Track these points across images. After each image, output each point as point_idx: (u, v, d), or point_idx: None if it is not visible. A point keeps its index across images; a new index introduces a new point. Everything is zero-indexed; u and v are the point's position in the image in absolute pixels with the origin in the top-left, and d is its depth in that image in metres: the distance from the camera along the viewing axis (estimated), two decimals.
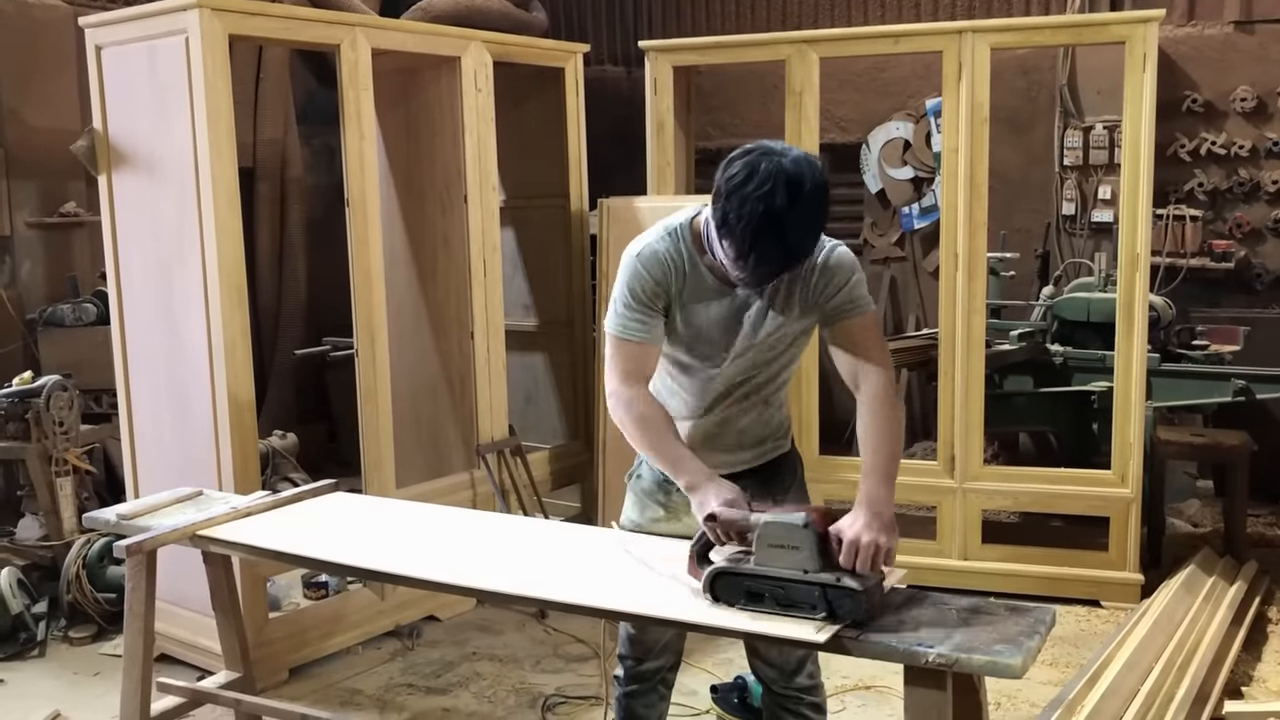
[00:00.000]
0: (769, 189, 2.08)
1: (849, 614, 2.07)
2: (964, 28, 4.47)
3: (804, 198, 2.10)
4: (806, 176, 2.11)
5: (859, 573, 2.09)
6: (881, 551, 2.12)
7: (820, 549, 2.10)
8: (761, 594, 2.12)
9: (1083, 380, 5.14)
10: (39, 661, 4.12)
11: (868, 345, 2.37)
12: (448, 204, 4.57)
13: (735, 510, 2.19)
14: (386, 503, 3.35)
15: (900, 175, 6.85)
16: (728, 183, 2.14)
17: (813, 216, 2.15)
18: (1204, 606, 4.10)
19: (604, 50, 7.63)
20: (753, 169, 2.11)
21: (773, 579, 2.11)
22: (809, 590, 2.09)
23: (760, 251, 2.12)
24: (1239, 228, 6.06)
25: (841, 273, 2.35)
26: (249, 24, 3.79)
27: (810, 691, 2.68)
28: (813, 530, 2.10)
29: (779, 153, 2.15)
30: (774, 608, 2.11)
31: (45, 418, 4.43)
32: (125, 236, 4.02)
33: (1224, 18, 6.05)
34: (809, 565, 2.09)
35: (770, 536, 2.12)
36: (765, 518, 2.14)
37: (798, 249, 2.17)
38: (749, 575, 2.13)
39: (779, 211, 2.08)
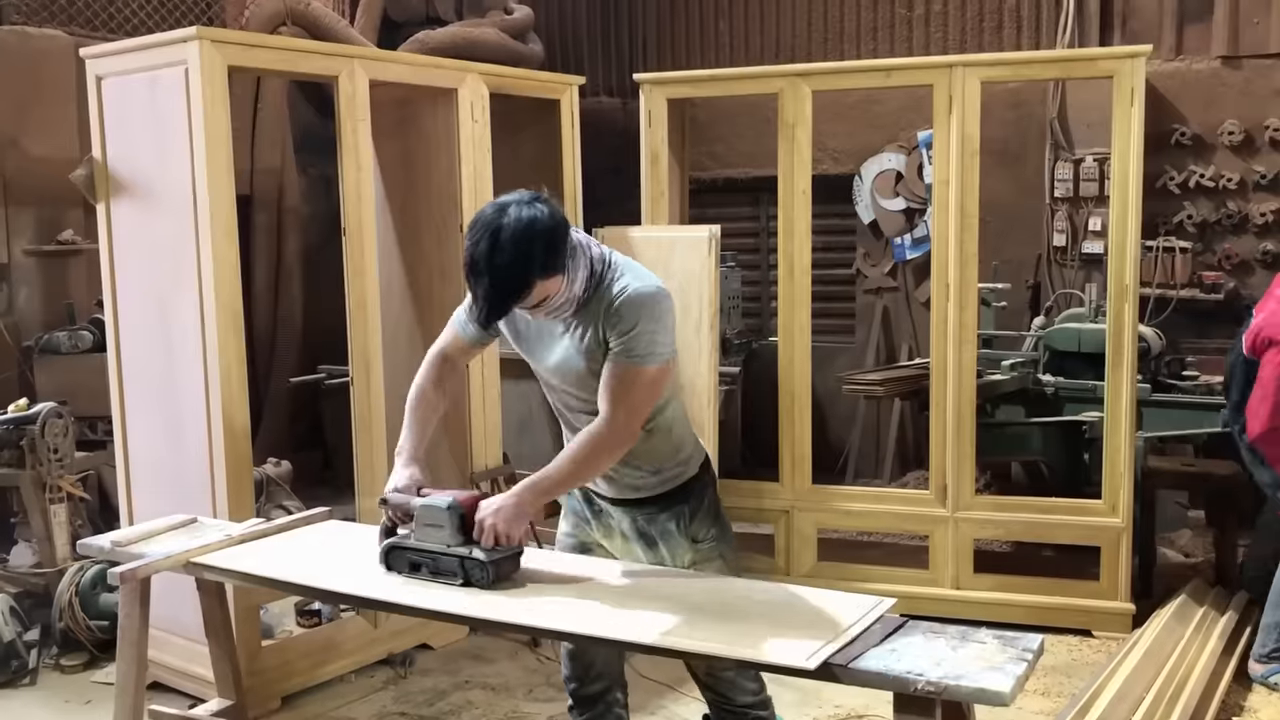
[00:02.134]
0: (477, 237, 2.35)
1: (478, 580, 2.49)
2: (955, 62, 4.54)
3: (500, 246, 2.32)
4: (509, 232, 2.32)
5: (495, 547, 2.47)
6: (498, 531, 2.47)
7: (461, 527, 2.51)
8: (420, 564, 2.57)
9: (1074, 410, 5.17)
10: (30, 689, 4.11)
11: (615, 393, 2.49)
12: (444, 234, 4.60)
13: (401, 495, 2.60)
14: None
15: (892, 206, 6.91)
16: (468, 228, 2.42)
17: (507, 267, 2.33)
18: (1195, 636, 4.11)
19: (599, 82, 7.71)
20: (477, 219, 2.39)
21: (426, 551, 2.55)
22: (450, 560, 2.52)
23: (475, 290, 2.39)
24: (1228, 259, 6.11)
25: (625, 320, 2.46)
26: (248, 55, 3.84)
27: (755, 707, 2.82)
28: (455, 511, 2.51)
29: (505, 206, 2.37)
30: (428, 576, 2.55)
31: (40, 444, 4.44)
32: (123, 264, 4.05)
33: (1211, 53, 6.13)
34: (450, 540, 2.51)
35: (424, 516, 2.55)
36: (420, 501, 2.56)
37: (500, 290, 2.36)
38: (410, 549, 2.58)
39: (479, 257, 2.34)
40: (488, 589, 2.47)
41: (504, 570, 2.52)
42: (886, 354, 7.04)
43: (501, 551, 2.50)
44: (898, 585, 4.54)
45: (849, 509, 4.88)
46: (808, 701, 3.85)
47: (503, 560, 2.51)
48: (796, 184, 4.71)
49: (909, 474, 6.57)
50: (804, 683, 3.77)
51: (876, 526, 5.19)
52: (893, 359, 6.93)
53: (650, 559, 2.73)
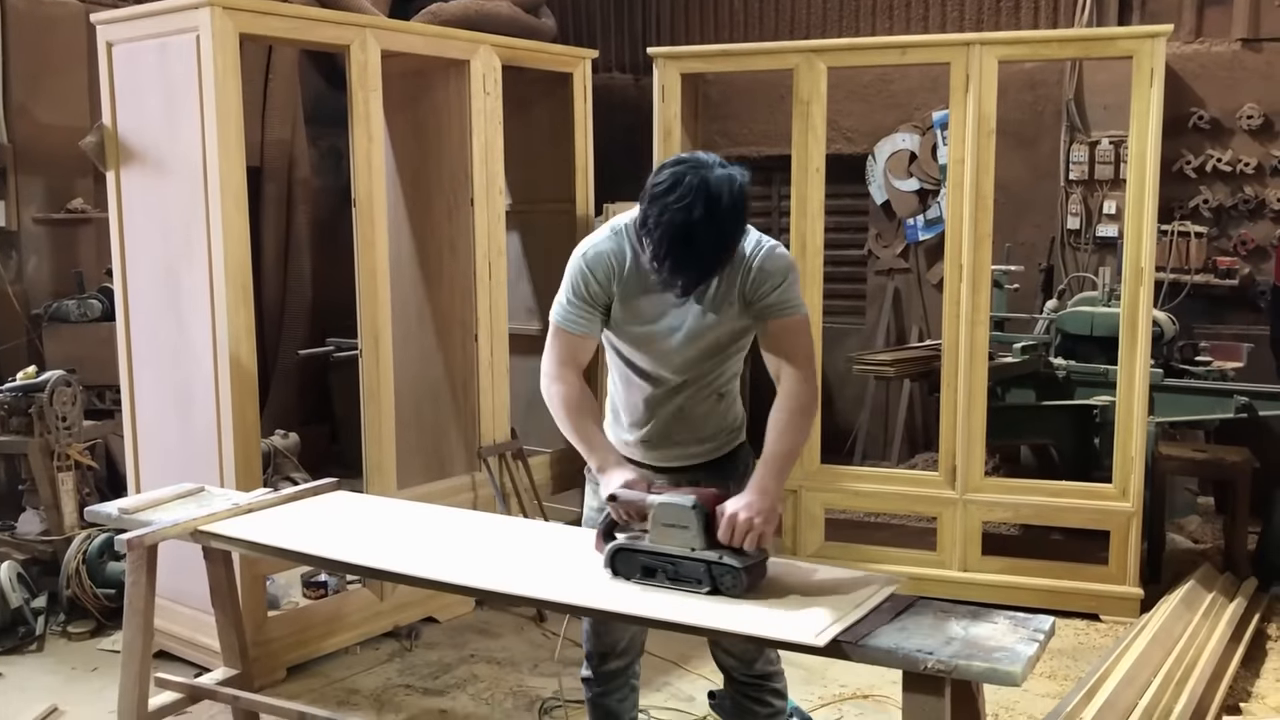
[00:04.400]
0: (688, 202, 2.19)
1: (729, 589, 2.24)
2: (972, 40, 4.48)
3: (719, 214, 2.20)
4: (725, 193, 2.21)
5: (742, 550, 2.25)
6: (755, 530, 2.25)
7: (706, 528, 2.27)
8: (655, 569, 2.31)
9: (1085, 394, 5.14)
10: (37, 656, 4.12)
11: (792, 347, 2.45)
12: (454, 207, 4.58)
13: (634, 492, 2.36)
14: (387, 502, 3.35)
15: (905, 187, 6.87)
16: (652, 189, 2.26)
17: (726, 231, 2.25)
18: (1203, 622, 4.10)
19: (612, 57, 7.66)
20: (677, 180, 2.23)
21: (664, 555, 2.30)
22: (695, 566, 2.27)
23: (674, 259, 2.24)
24: (1243, 245, 6.06)
25: (775, 274, 2.42)
26: (260, 23, 3.81)
27: (771, 678, 2.76)
28: (700, 511, 2.27)
29: (705, 166, 2.25)
30: (665, 582, 2.30)
31: (48, 413, 4.44)
32: (132, 233, 4.03)
33: (1231, 35, 6.06)
34: (695, 543, 2.27)
35: (663, 516, 2.30)
36: (659, 499, 2.32)
37: (710, 260, 2.27)
38: (644, 551, 2.32)
39: (694, 224, 2.19)
40: (738, 599, 2.23)
41: (756, 576, 2.28)
42: (897, 336, 7.01)
43: (754, 556, 2.27)
44: (905, 567, 4.53)
45: (857, 489, 4.87)
46: (813, 680, 3.85)
47: (755, 565, 2.27)
48: (810, 162, 4.68)
49: (917, 456, 6.56)
50: (810, 661, 3.77)
51: (885, 508, 5.18)
52: (903, 341, 6.90)
53: None
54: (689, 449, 2.62)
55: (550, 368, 2.54)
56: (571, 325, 2.51)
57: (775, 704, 2.78)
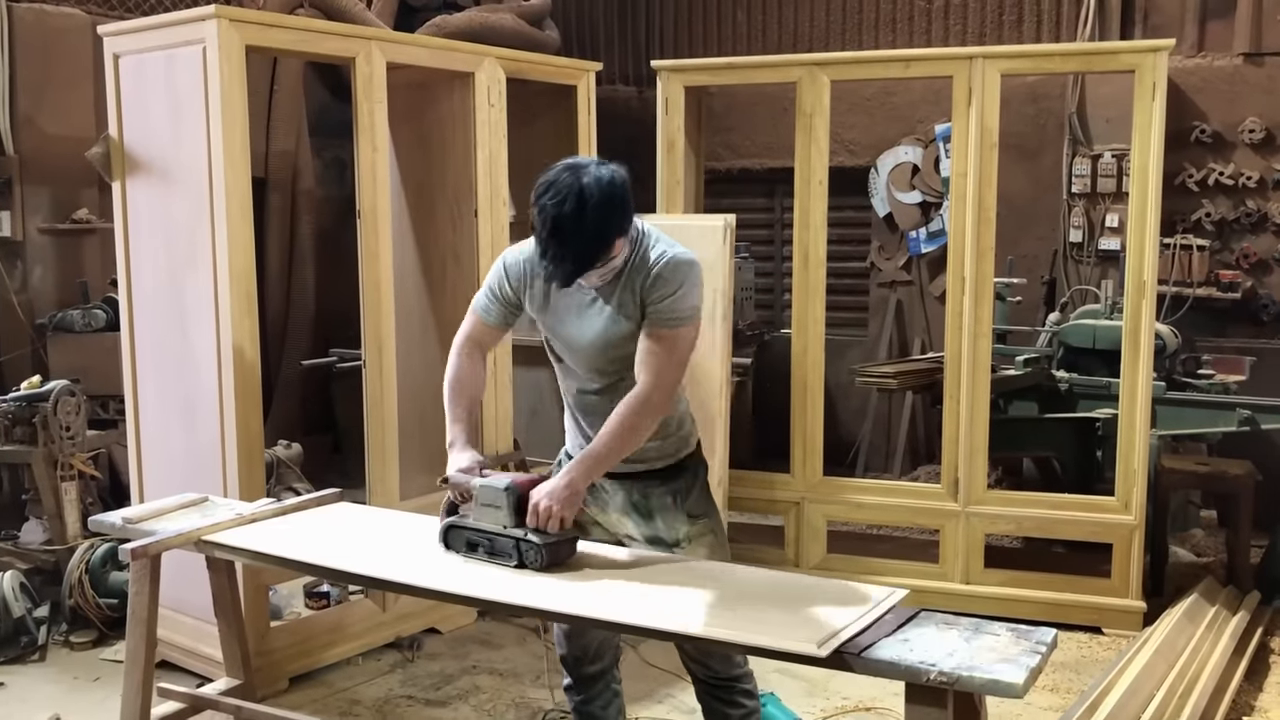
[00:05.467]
0: (560, 199, 2.36)
1: (533, 563, 2.47)
2: (975, 53, 4.50)
3: (588, 209, 2.35)
4: (594, 192, 2.37)
5: (547, 531, 2.46)
6: (554, 516, 2.46)
7: (518, 509, 2.49)
8: (477, 544, 2.56)
9: (1087, 407, 5.14)
10: (39, 666, 4.12)
11: (656, 355, 2.55)
12: (458, 218, 4.59)
13: (463, 475, 2.60)
14: (390, 513, 3.35)
15: (908, 199, 6.88)
16: (535, 190, 2.43)
17: (595, 225, 2.39)
18: (1206, 635, 4.09)
19: (615, 69, 7.69)
20: (554, 180, 2.40)
21: (483, 531, 2.54)
22: (506, 542, 2.51)
23: (550, 252, 2.40)
24: (1246, 258, 6.07)
25: (669, 283, 2.54)
26: (266, 35, 3.82)
27: (741, 680, 2.81)
28: (511, 492, 2.50)
29: (581, 167, 2.41)
30: (484, 556, 2.54)
31: (52, 422, 4.45)
32: (137, 243, 4.05)
33: (1233, 49, 6.08)
34: (506, 521, 2.50)
35: (483, 497, 2.54)
36: (480, 481, 2.56)
37: (584, 253, 2.41)
38: (468, 528, 2.57)
39: (564, 218, 2.36)
40: (540, 572, 2.45)
41: (559, 554, 2.49)
42: (899, 348, 7.01)
43: (556, 535, 2.48)
44: (908, 579, 4.53)
45: (860, 501, 4.87)
46: (815, 693, 3.85)
47: (558, 544, 2.49)
48: (813, 174, 4.69)
49: (919, 468, 6.56)
50: (812, 673, 3.78)
51: (887, 520, 5.18)
52: (905, 353, 6.90)
53: (645, 532, 2.76)
54: (637, 455, 2.66)
55: (457, 341, 2.79)
56: (481, 312, 2.77)
57: (747, 704, 2.83)
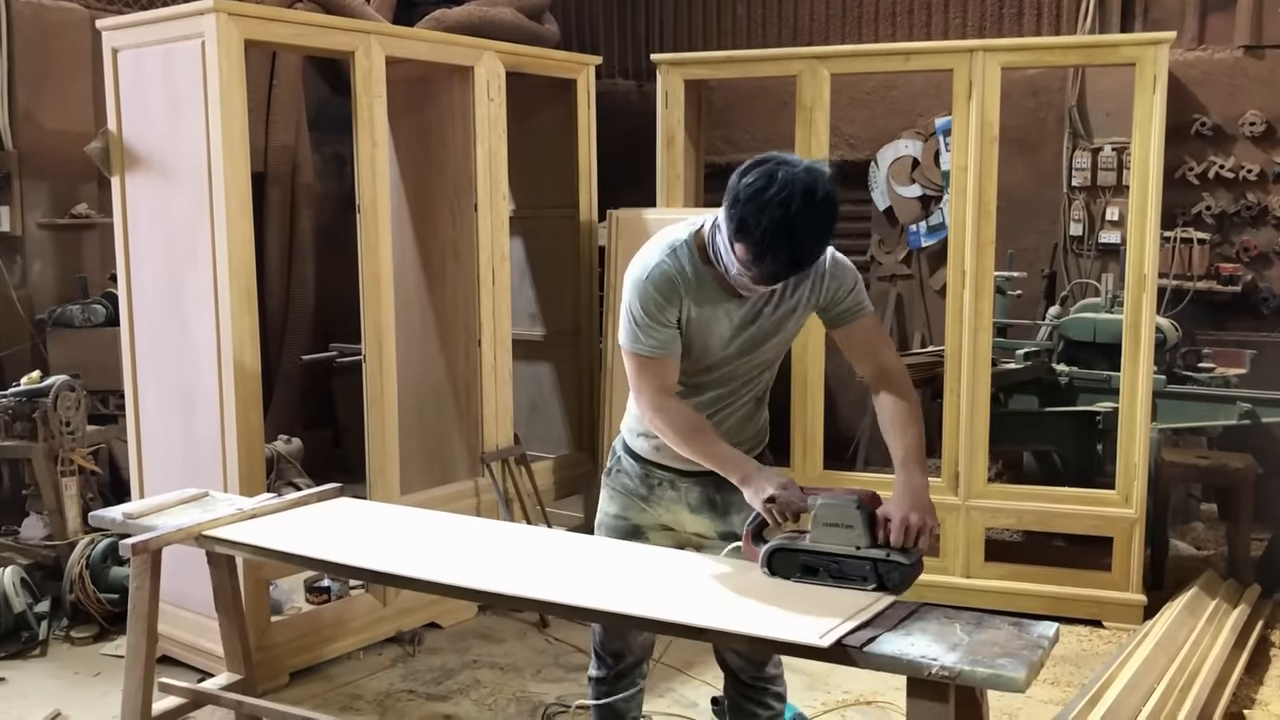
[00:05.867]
0: (786, 195, 2.21)
1: (897, 585, 2.28)
2: (975, 46, 4.49)
3: (817, 204, 2.23)
4: (820, 185, 2.25)
5: (905, 548, 2.29)
6: (927, 529, 2.31)
7: (871, 526, 2.30)
8: (816, 568, 2.34)
9: (1088, 400, 5.14)
10: (40, 661, 4.12)
11: (881, 344, 2.57)
12: (457, 212, 4.59)
13: (792, 492, 2.36)
14: (391, 508, 3.35)
15: (908, 193, 6.87)
16: (745, 189, 2.26)
17: (824, 222, 2.28)
18: (1207, 629, 4.09)
19: (615, 63, 7.67)
20: (770, 176, 2.24)
21: (827, 554, 2.32)
22: (860, 564, 2.30)
23: (775, 253, 2.25)
24: (1246, 251, 6.06)
25: (848, 277, 2.52)
26: (265, 29, 3.82)
27: (775, 681, 2.79)
28: (865, 510, 2.30)
29: (793, 162, 2.28)
30: (827, 580, 2.33)
31: (52, 417, 4.44)
32: (137, 238, 4.04)
33: (1234, 42, 6.07)
34: (861, 542, 2.30)
35: (825, 516, 2.32)
36: (820, 499, 2.34)
37: (810, 252, 2.31)
38: (805, 551, 2.35)
39: (795, 216, 2.21)
40: (897, 593, 2.29)
41: (917, 572, 2.32)
42: (899, 342, 7.00)
43: (918, 552, 2.32)
44: None
45: None
46: (816, 686, 3.85)
47: (918, 563, 2.32)
48: None
49: None
50: (814, 667, 3.78)
51: None
52: (905, 347, 6.89)
53: (720, 529, 2.66)
54: None
55: (650, 399, 2.48)
56: (654, 350, 2.46)
57: (776, 706, 2.80)
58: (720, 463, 2.47)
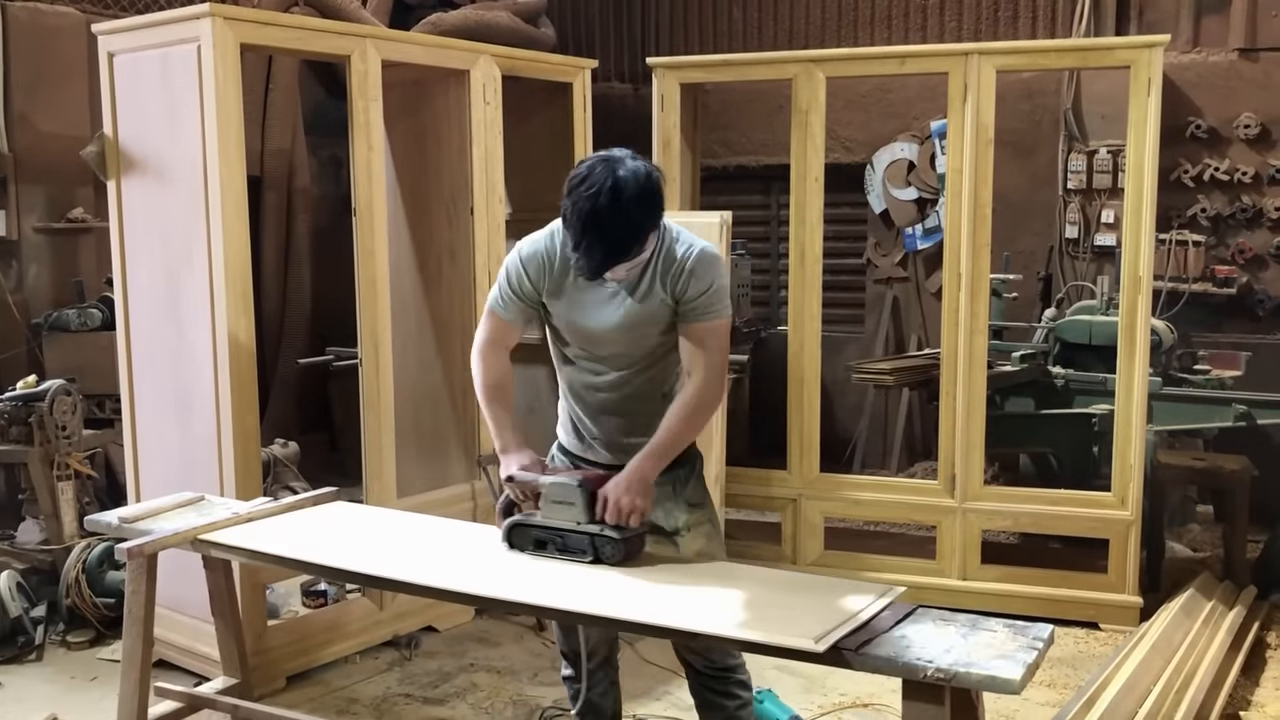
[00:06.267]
0: (595, 190, 2.35)
1: (609, 558, 2.48)
2: (970, 50, 4.50)
3: (623, 202, 2.34)
4: (630, 183, 2.36)
5: (620, 525, 2.48)
6: (635, 510, 2.49)
7: (590, 505, 2.51)
8: (545, 541, 2.57)
9: (1084, 402, 5.15)
10: (36, 665, 4.12)
11: (707, 349, 2.60)
12: (454, 215, 4.59)
13: (529, 473, 2.60)
14: (387, 512, 3.35)
15: (904, 196, 6.88)
16: (569, 181, 2.42)
17: (632, 218, 2.38)
18: (1203, 630, 4.10)
19: (611, 66, 7.68)
20: (590, 171, 2.39)
21: (553, 529, 2.55)
22: (580, 538, 2.52)
23: (588, 243, 2.38)
24: (1241, 253, 6.08)
25: (702, 278, 2.56)
26: (261, 33, 3.82)
27: (736, 670, 2.82)
28: (585, 489, 2.51)
29: (617, 160, 2.40)
30: (554, 553, 2.55)
31: (48, 422, 4.44)
32: (133, 242, 4.04)
33: (1228, 45, 6.09)
34: (580, 518, 2.51)
35: (553, 494, 2.54)
36: (549, 479, 2.56)
37: (617, 244, 2.40)
38: (536, 526, 2.58)
39: (600, 210, 2.34)
40: (616, 565, 2.48)
41: (635, 548, 2.52)
42: (895, 344, 7.02)
43: (632, 530, 2.51)
44: (904, 575, 4.53)
45: (857, 498, 4.87)
46: (812, 689, 3.85)
47: (633, 538, 2.51)
48: (809, 171, 4.69)
49: (916, 465, 6.56)
50: (810, 670, 3.78)
51: (884, 516, 5.18)
52: (901, 349, 6.91)
53: None
54: (639, 440, 2.67)
55: (479, 345, 2.77)
56: (501, 311, 2.72)
57: (742, 695, 2.84)
58: (495, 427, 2.73)
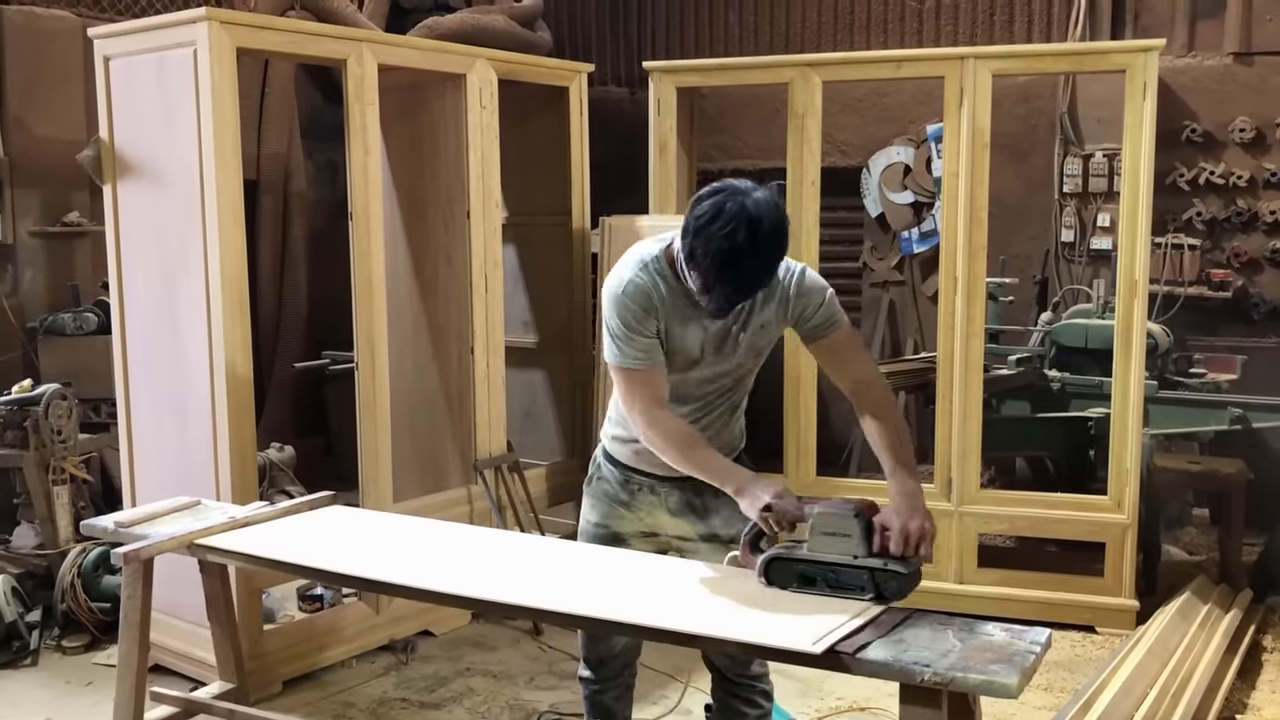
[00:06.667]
0: (731, 229, 2.26)
1: (894, 594, 2.27)
2: (966, 54, 4.51)
3: (763, 237, 2.28)
4: (766, 217, 2.28)
5: (902, 557, 2.29)
6: (927, 536, 2.33)
7: (868, 536, 2.29)
8: (813, 578, 2.32)
9: (1080, 406, 5.15)
10: (31, 670, 4.11)
11: (856, 357, 2.60)
12: (450, 219, 4.59)
13: (788, 501, 2.36)
14: (384, 516, 3.35)
15: (900, 200, 6.89)
16: (695, 221, 2.32)
17: (770, 254, 2.33)
18: (1199, 634, 4.10)
19: (607, 70, 7.68)
20: (719, 209, 2.29)
21: (825, 564, 2.31)
22: (858, 573, 2.29)
23: (722, 284, 2.31)
24: (1236, 257, 6.08)
25: (816, 294, 2.54)
26: (257, 37, 3.82)
27: (762, 679, 2.81)
28: (863, 519, 2.29)
29: (743, 193, 2.31)
30: (824, 590, 2.31)
31: (43, 426, 4.43)
32: (129, 246, 4.04)
33: (1223, 49, 6.10)
34: (858, 550, 2.29)
35: (823, 525, 2.31)
36: (818, 508, 2.34)
37: (755, 282, 2.36)
38: (802, 560, 2.34)
39: (740, 249, 2.26)
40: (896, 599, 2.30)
41: (915, 581, 2.32)
42: (892, 348, 7.02)
43: (914, 563, 2.32)
44: None
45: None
46: (809, 693, 3.85)
47: (916, 572, 2.32)
48: (805, 175, 4.69)
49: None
50: (806, 674, 3.78)
51: None
52: (898, 353, 6.91)
53: (701, 530, 2.70)
54: None
55: (642, 411, 2.50)
56: (640, 362, 2.49)
57: (764, 705, 2.82)
58: (715, 474, 2.48)
